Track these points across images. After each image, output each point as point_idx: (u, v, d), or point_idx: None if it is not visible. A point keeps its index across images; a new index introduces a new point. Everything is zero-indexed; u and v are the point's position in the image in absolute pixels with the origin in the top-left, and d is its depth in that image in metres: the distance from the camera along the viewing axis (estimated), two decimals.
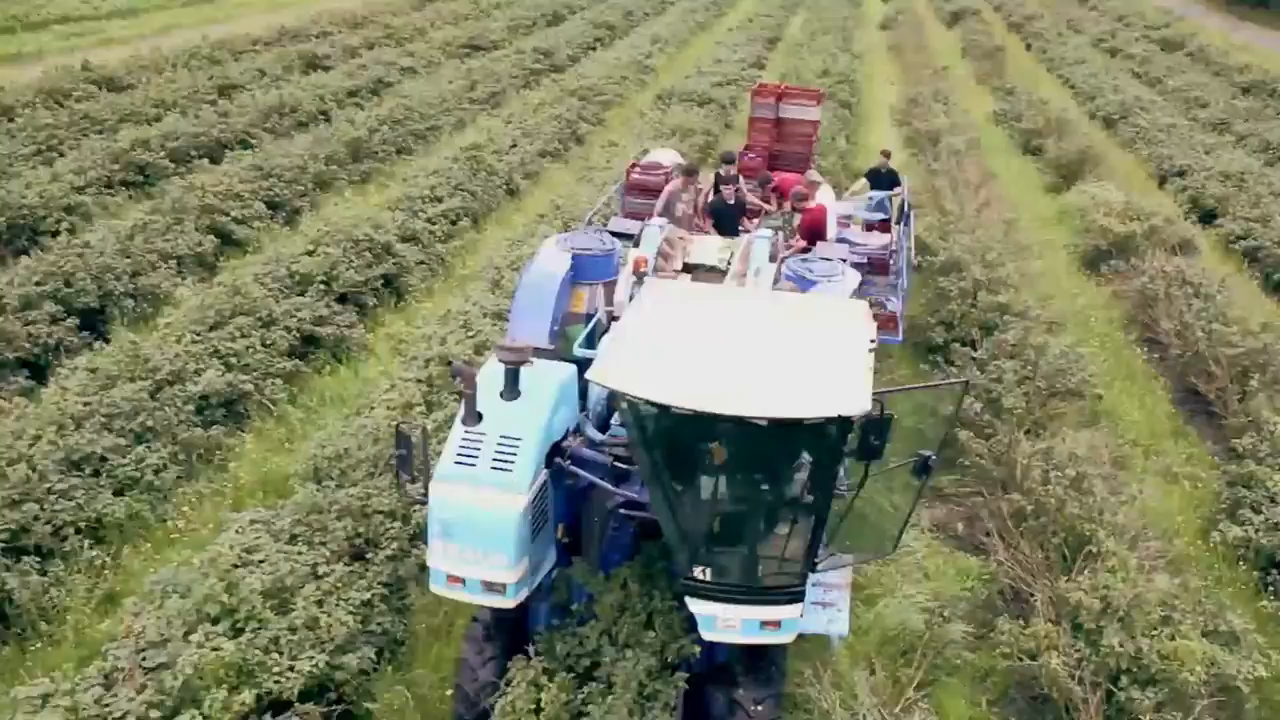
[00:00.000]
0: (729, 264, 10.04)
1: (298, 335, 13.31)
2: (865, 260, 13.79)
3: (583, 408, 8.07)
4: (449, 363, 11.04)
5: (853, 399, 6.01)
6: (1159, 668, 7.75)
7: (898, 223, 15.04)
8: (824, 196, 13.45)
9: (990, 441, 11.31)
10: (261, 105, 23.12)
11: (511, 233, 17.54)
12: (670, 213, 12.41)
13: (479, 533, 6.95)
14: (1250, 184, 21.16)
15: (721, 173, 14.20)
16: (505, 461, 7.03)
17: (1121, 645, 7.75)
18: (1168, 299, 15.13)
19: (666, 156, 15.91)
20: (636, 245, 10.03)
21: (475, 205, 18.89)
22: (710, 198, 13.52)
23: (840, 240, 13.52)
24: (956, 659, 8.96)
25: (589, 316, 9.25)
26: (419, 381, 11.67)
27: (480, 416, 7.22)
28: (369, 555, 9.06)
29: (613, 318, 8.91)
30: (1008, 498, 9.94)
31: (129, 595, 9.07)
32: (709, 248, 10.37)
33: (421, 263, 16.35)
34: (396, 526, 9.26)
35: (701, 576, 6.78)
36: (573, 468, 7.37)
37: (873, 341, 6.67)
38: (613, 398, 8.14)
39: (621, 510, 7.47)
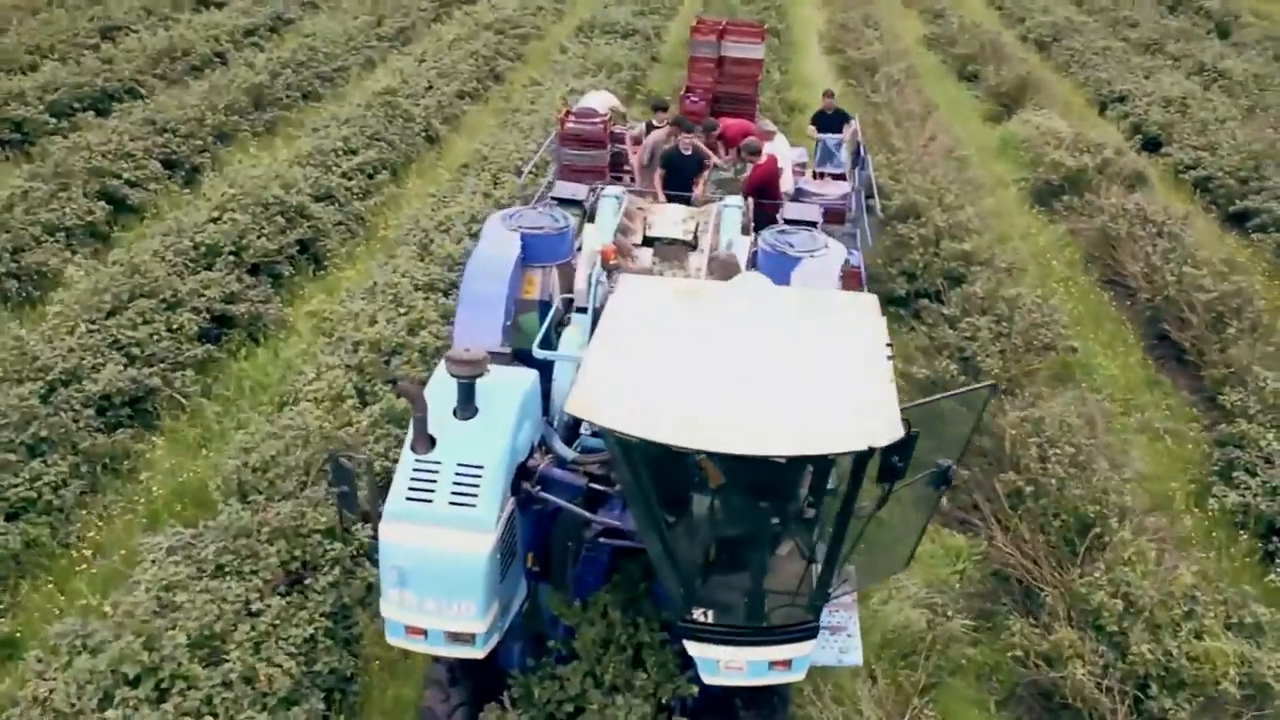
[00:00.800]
0: (695, 236, 9.04)
1: (208, 316, 12.01)
2: (822, 210, 12.92)
3: (545, 415, 7.09)
4: (392, 381, 9.88)
5: (884, 426, 5.12)
6: (1190, 672, 7.14)
7: (853, 167, 14.16)
8: (777, 147, 12.47)
9: None
10: (150, 49, 21.15)
11: (436, 186, 16.25)
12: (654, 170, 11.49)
13: (441, 580, 5.98)
14: (1193, 109, 20.69)
15: (655, 122, 13.15)
16: (467, 494, 6.03)
17: (1152, 652, 7.12)
18: (1130, 239, 14.54)
19: (600, 100, 14.73)
20: (590, 219, 8.98)
21: (393, 156, 17.50)
22: (652, 149, 12.45)
23: (797, 191, 12.62)
24: (960, 657, 8.32)
25: (542, 304, 8.21)
26: (349, 368, 10.54)
27: (433, 441, 6.21)
28: (308, 581, 8.02)
29: (575, 307, 7.89)
30: (1002, 477, 9.24)
31: (31, 640, 7.95)
32: (670, 217, 9.34)
33: (340, 224, 15.01)
34: (336, 547, 8.22)
35: (702, 618, 5.91)
36: (543, 494, 6.42)
37: (889, 345, 5.78)
38: None
39: (603, 539, 6.55)
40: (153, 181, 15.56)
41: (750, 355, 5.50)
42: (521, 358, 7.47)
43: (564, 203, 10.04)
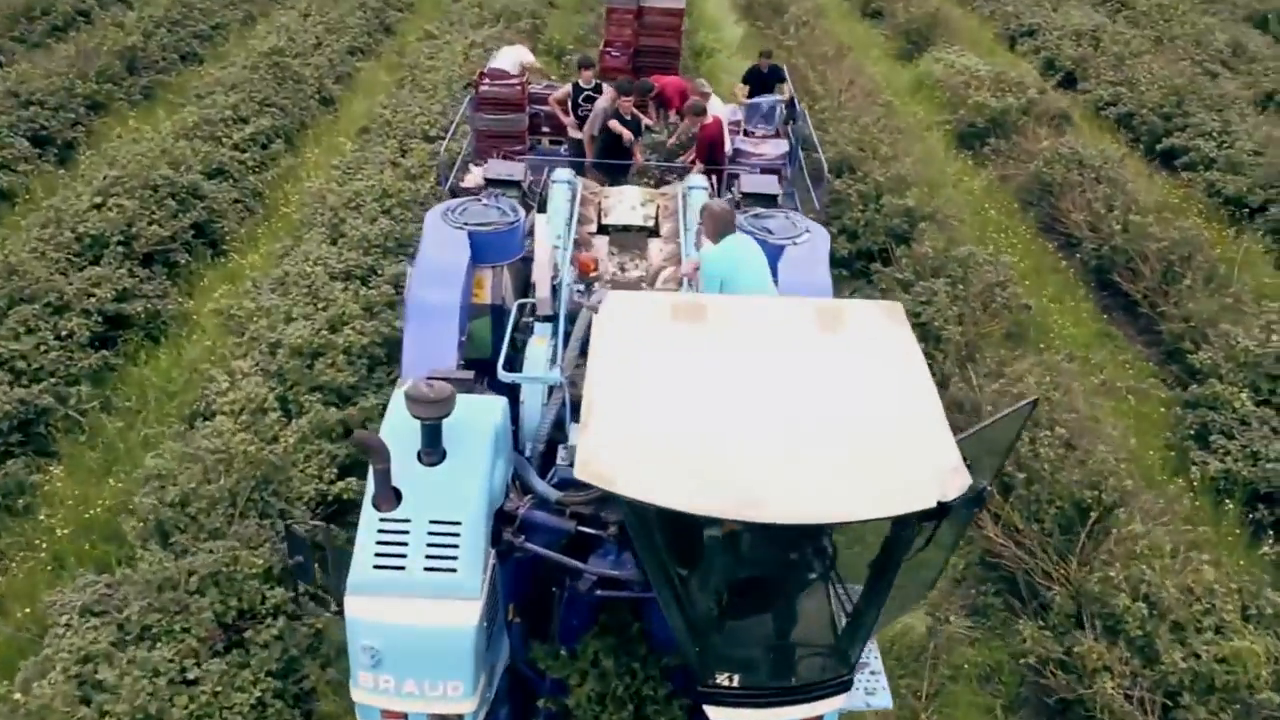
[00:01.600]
0: (655, 221, 8.26)
1: (99, 319, 10.80)
2: (758, 171, 12.24)
3: (515, 445, 6.31)
4: (347, 431, 8.89)
5: (953, 476, 4.47)
6: (1221, 675, 6.78)
7: (786, 122, 13.46)
8: (716, 108, 11.69)
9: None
10: (4, 7, 19.21)
11: (337, 156, 15.04)
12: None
13: (423, 659, 5.19)
14: (1105, 43, 20.47)
15: (581, 82, 12.25)
16: (445, 557, 5.22)
17: (1184, 660, 6.72)
18: (1068, 185, 14.20)
19: (513, 58, 13.72)
20: (541, 209, 8.12)
21: (286, 122, 16.17)
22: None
23: (734, 151, 11.90)
24: (961, 660, 7.88)
25: (495, 309, 7.37)
26: (267, 374, 9.53)
27: (398, 495, 5.38)
28: (247, 634, 7.15)
29: (536, 315, 7.05)
30: None
31: None
32: (627, 201, 8.51)
33: (236, 201, 13.76)
34: (277, 593, 7.34)
35: (726, 683, 5.25)
36: (528, 545, 5.66)
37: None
38: (558, 434, 6.42)
39: (600, 592, 5.82)
40: (22, 162, 14.08)
41: (778, 391, 4.78)
42: (473, 369, 6.66)
43: (498, 184, 9.15)
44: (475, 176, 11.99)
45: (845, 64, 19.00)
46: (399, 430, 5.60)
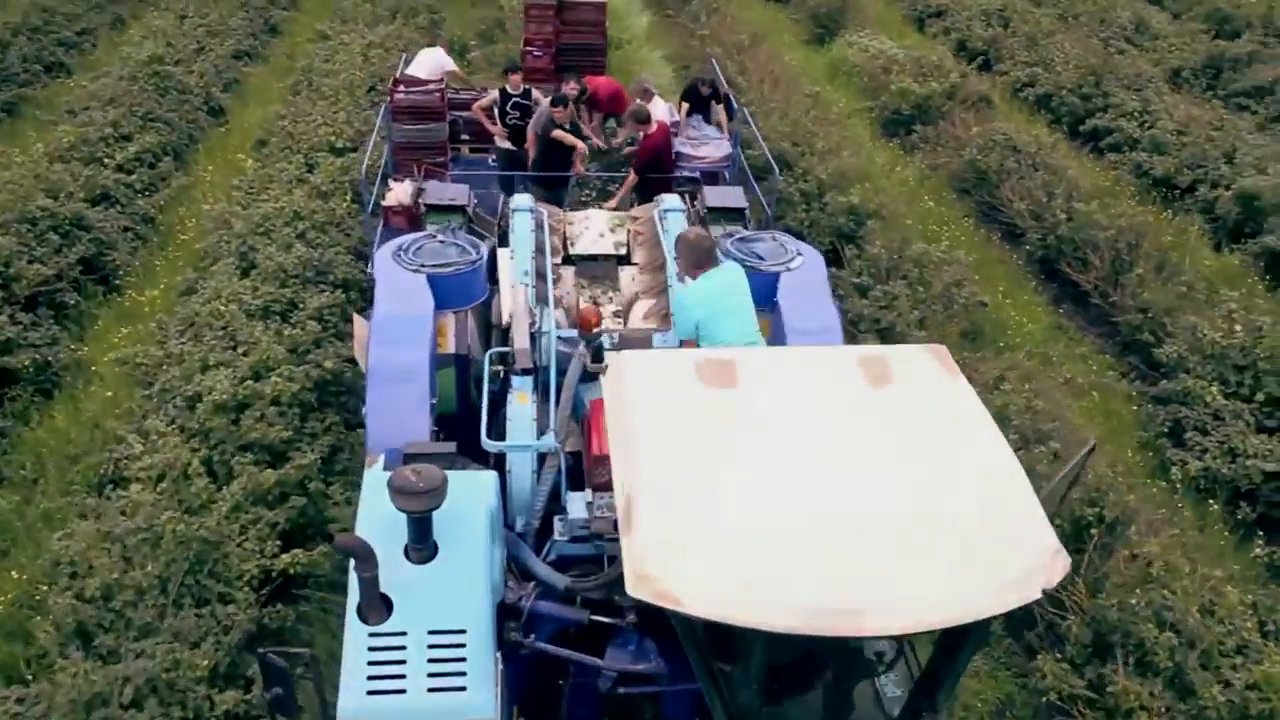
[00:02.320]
0: (626, 248, 7.50)
1: None
2: (698, 174, 11.61)
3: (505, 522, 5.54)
4: (284, 495, 7.92)
5: (1054, 560, 3.88)
6: (1256, 705, 6.40)
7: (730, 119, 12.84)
8: (659, 110, 10.97)
9: None
10: None
11: (236, 174, 13.86)
12: None
13: None
14: (1016, 22, 20.35)
15: (509, 88, 11.42)
16: (451, 673, 4.45)
17: (1223, 694, 6.32)
18: (1004, 173, 13.88)
19: (430, 62, 12.84)
20: (503, 242, 7.30)
21: (175, 138, 14.87)
22: (508, 121, 10.75)
23: (675, 155, 11.24)
24: (974, 700, 7.37)
25: (459, 359, 6.55)
26: (186, 433, 8.51)
27: (389, 604, 4.58)
28: None
29: (513, 366, 6.23)
30: None
31: None
32: (594, 228, 7.73)
33: (127, 230, 12.52)
34: (229, 697, 6.42)
35: None
36: (540, 646, 4.91)
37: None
38: (553, 505, 5.67)
39: (623, 689, 5.09)
40: None
41: (844, 468, 4.12)
42: (439, 427, 5.87)
43: (438, 210, 8.30)
44: (397, 193, 11.10)
45: (762, 52, 18.44)
46: (379, 523, 4.81)
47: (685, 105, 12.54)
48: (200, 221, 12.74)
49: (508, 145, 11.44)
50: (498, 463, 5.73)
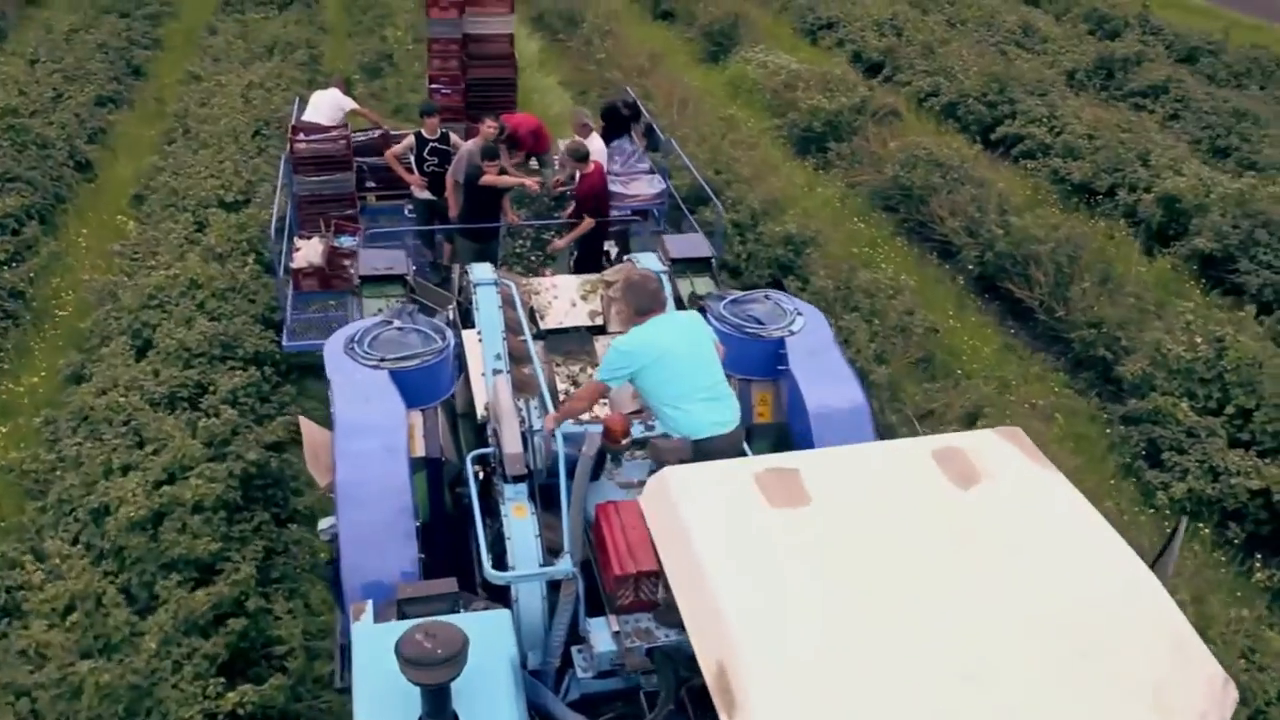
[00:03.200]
0: (602, 318, 6.74)
1: None
2: (630, 212, 10.97)
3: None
4: (220, 618, 6.88)
5: (1223, 691, 3.32)
6: None
7: (648, 151, 12.20)
8: (595, 147, 10.25)
9: None
10: None
11: (114, 236, 12.61)
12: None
13: None
14: (909, 31, 20.26)
15: (425, 132, 10.55)
16: None
17: None
18: (929, 189, 13.56)
19: (327, 105, 11.85)
20: (468, 321, 6.46)
21: (39, 199, 13.45)
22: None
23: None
24: None
25: (431, 463, 5.70)
26: (91, 551, 7.42)
27: None
28: None
29: (502, 473, 5.40)
30: None
31: None
32: (564, 296, 6.94)
33: None
34: None
35: None
36: None
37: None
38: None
39: None
40: None
41: (958, 602, 3.48)
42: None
43: (374, 282, 7.42)
44: (306, 253, 10.20)
45: (663, 75, 17.89)
46: (383, 694, 4.02)
47: (602, 124, 11.88)
48: (80, 295, 11.48)
49: (427, 195, 10.54)
50: (499, 592, 4.94)
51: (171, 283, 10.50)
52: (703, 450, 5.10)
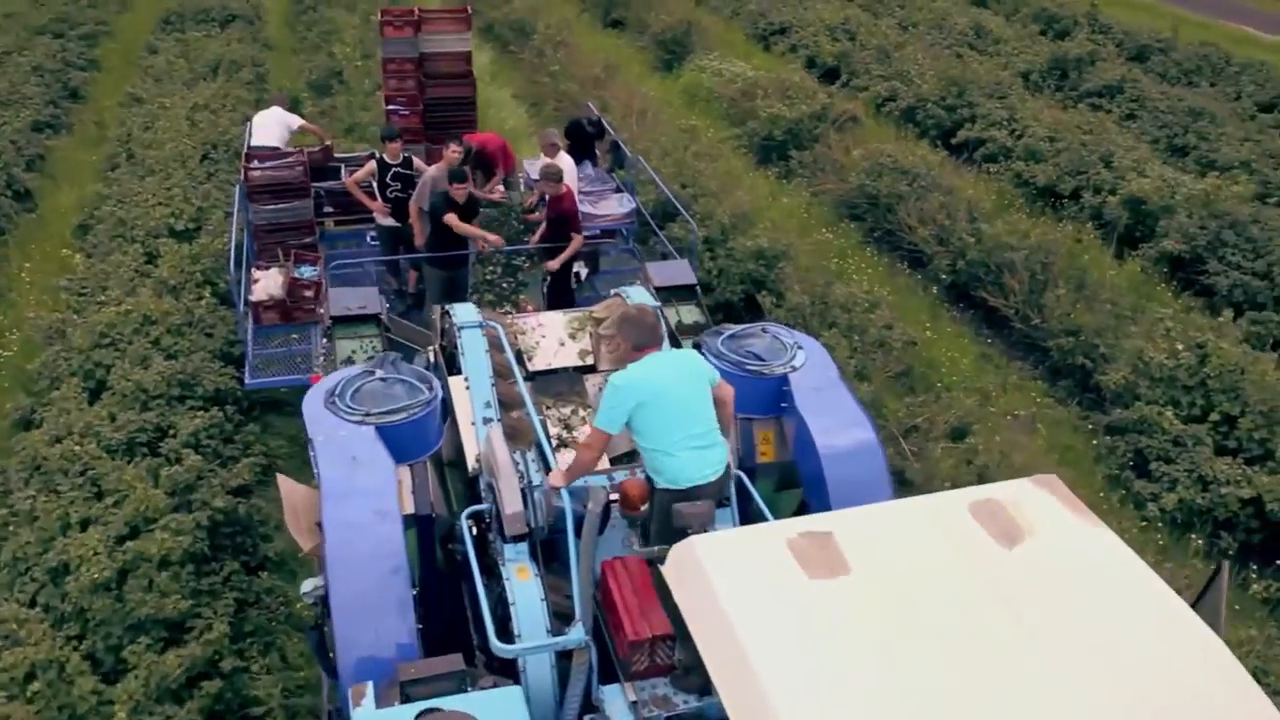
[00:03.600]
0: (593, 357, 6.44)
1: None
2: (599, 232, 10.71)
3: None
4: (192, 680, 6.48)
5: None
6: None
7: (611, 170, 11.95)
8: (566, 168, 9.94)
9: None
10: None
11: (60, 270, 12.08)
12: None
13: None
14: (863, 36, 20.17)
15: (387, 158, 10.20)
16: None
17: None
18: (895, 197, 13.43)
19: (275, 127, 11.46)
20: (450, 364, 6.14)
21: None
22: (388, 194, 9.57)
23: None
24: None
25: (421, 520, 5.37)
26: (50, 614, 7.00)
27: None
28: None
29: (499, 532, 5.09)
30: None
31: None
32: (551, 334, 6.63)
33: None
34: None
35: None
36: None
37: None
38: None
39: None
40: None
41: (1021, 678, 3.25)
42: None
43: (346, 323, 7.07)
44: (266, 285, 9.80)
45: (619, 85, 17.62)
46: None
47: (567, 143, 11.57)
48: (26, 333, 10.97)
49: (391, 222, 10.17)
50: (504, 665, 4.63)
51: (123, 319, 10.04)
52: (687, 497, 4.90)
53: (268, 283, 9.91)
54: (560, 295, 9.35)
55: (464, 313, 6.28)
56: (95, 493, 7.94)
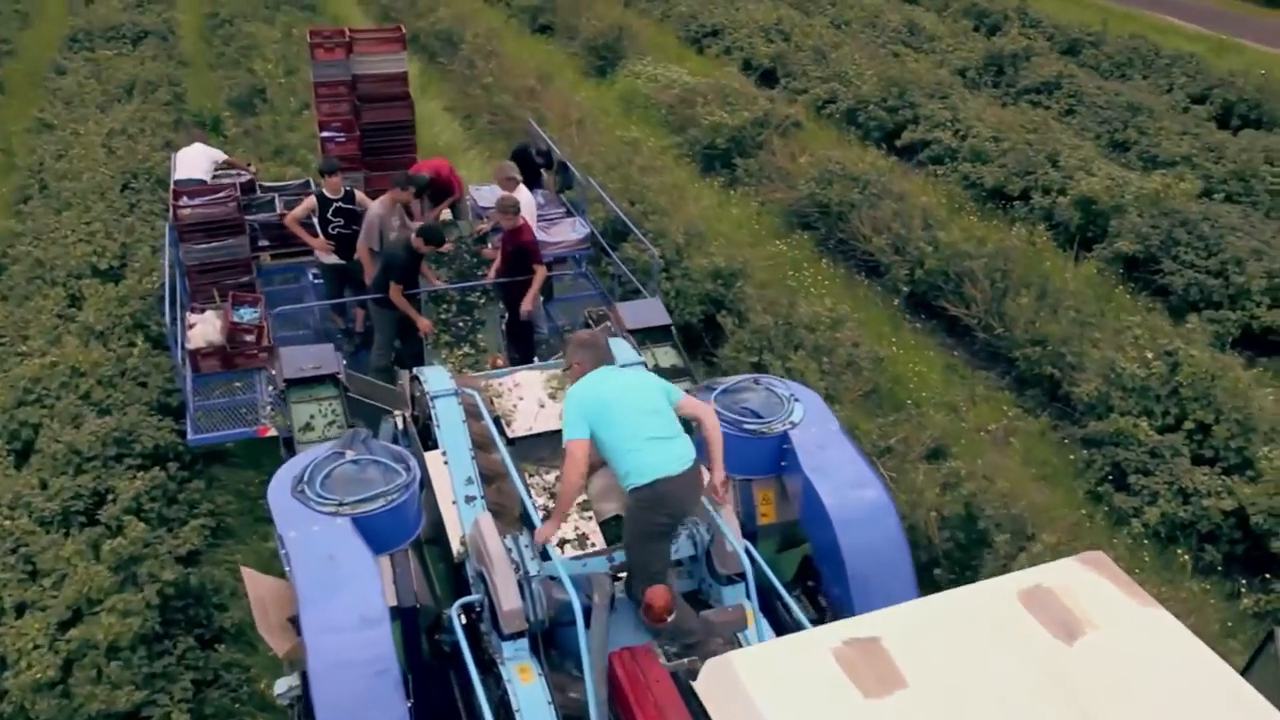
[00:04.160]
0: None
1: None
2: (551, 259, 10.31)
3: None
4: None
5: None
6: None
7: (560, 191, 11.53)
8: (523, 198, 9.49)
9: None
10: None
11: None
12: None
13: None
14: (797, 36, 19.97)
15: (327, 192, 9.67)
16: None
17: None
18: (847, 205, 13.20)
19: (200, 161, 10.87)
20: (424, 437, 5.68)
21: None
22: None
23: None
24: None
25: (405, 613, 4.94)
26: None
27: None
28: None
29: (497, 629, 4.67)
30: None
31: None
32: (529, 396, 6.18)
33: None
34: None
35: None
36: None
37: None
38: None
39: None
40: None
41: None
42: None
43: (301, 385, 6.58)
44: (203, 330, 9.25)
45: (555, 95, 17.17)
46: None
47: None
48: None
49: (335, 259, 9.63)
50: None
51: (49, 372, 9.40)
52: (659, 492, 4.93)
53: (205, 328, 9.33)
54: (520, 332, 8.93)
55: (436, 379, 5.82)
56: (30, 572, 7.36)
